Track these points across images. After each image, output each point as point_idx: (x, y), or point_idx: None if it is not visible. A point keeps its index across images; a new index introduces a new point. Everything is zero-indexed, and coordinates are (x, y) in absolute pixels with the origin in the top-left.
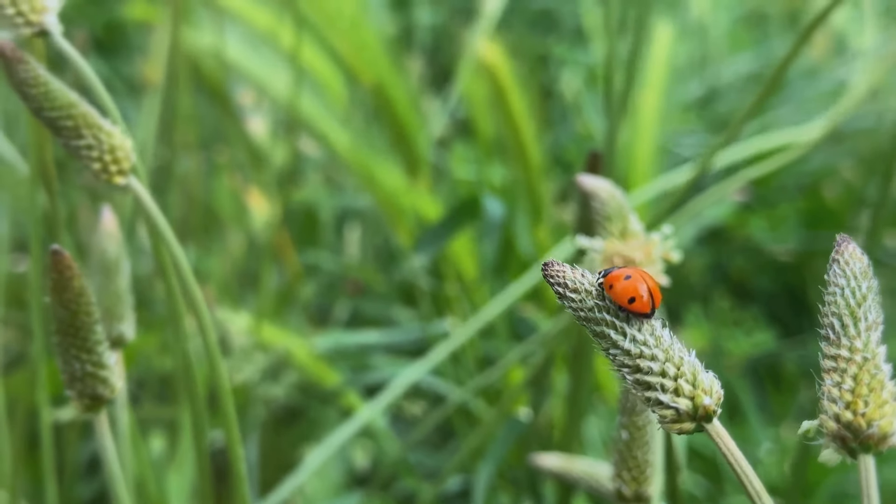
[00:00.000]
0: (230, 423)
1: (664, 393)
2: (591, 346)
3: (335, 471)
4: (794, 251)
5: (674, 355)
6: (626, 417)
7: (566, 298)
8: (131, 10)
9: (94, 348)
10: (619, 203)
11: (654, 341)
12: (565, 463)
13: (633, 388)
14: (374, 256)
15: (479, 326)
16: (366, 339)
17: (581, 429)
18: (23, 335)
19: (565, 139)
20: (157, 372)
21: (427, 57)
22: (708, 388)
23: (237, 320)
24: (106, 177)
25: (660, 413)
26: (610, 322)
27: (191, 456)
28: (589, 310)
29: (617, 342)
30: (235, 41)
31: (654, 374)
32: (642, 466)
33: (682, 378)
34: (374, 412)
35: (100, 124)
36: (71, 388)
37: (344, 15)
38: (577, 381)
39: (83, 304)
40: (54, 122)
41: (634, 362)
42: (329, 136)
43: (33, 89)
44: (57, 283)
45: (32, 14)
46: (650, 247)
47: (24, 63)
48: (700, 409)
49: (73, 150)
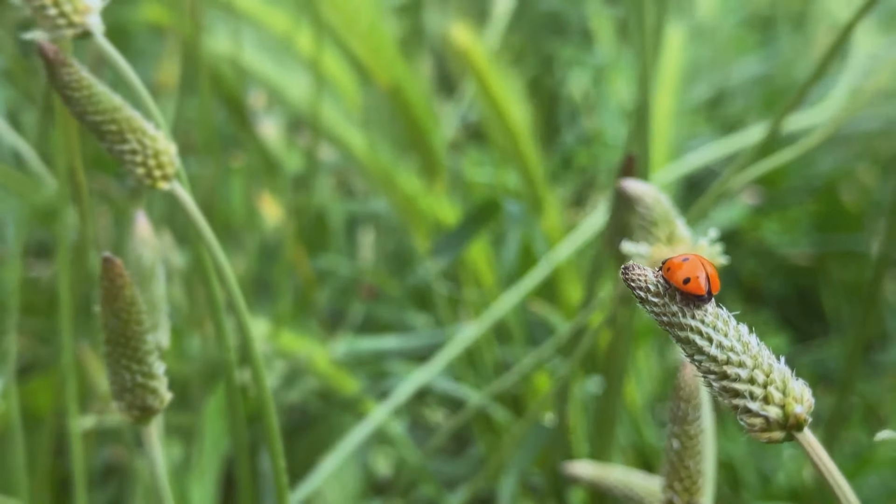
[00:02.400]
0: (273, 436)
1: (753, 401)
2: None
3: (354, 479)
4: (806, 254)
5: (762, 362)
6: (677, 426)
7: (648, 303)
8: (143, 12)
9: (144, 358)
10: (664, 208)
11: (742, 347)
12: (599, 471)
13: (719, 395)
14: (388, 261)
15: (491, 322)
16: (384, 344)
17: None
18: (36, 342)
19: (574, 142)
20: (174, 378)
21: (435, 61)
22: (799, 396)
23: (255, 327)
24: (150, 182)
25: (748, 421)
26: (695, 328)
27: (213, 464)
28: (672, 314)
29: (703, 348)
30: (251, 44)
31: (742, 381)
32: (694, 477)
33: (772, 385)
34: (387, 414)
35: (144, 128)
36: (120, 399)
37: (361, 17)
38: (610, 388)
39: (134, 314)
40: (98, 126)
41: (721, 369)
42: (346, 139)
43: (77, 93)
44: (108, 291)
45: (75, 15)
46: (697, 252)
47: (68, 66)
48: (791, 418)
49: (116, 154)
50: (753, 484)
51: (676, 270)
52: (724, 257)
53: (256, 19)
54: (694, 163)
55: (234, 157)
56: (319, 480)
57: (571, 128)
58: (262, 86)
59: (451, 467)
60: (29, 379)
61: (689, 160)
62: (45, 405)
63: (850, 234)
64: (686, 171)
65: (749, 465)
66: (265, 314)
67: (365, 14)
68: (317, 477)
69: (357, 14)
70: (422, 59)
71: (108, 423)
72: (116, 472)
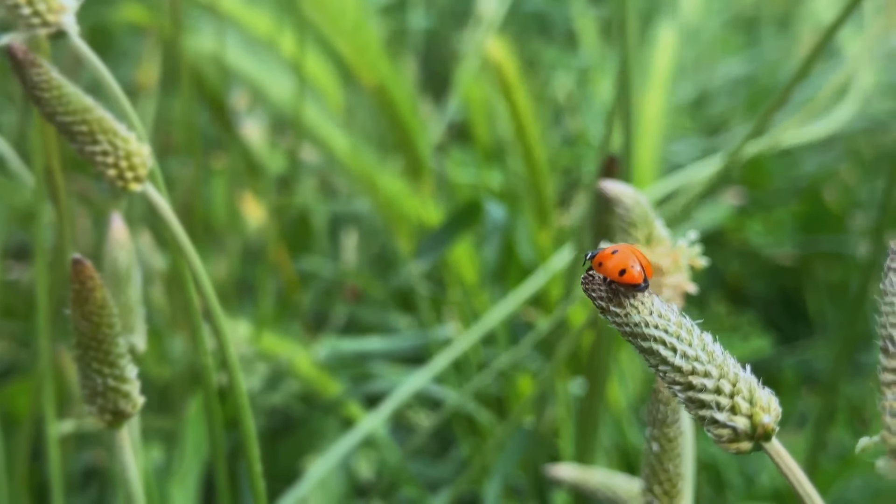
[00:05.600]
0: (249, 440)
1: (720, 411)
2: (605, 354)
3: (337, 482)
4: (791, 255)
5: (728, 371)
6: (656, 429)
7: (609, 313)
8: (123, 13)
9: (116, 362)
10: (643, 209)
11: (707, 356)
12: (581, 474)
13: (685, 406)
14: (371, 263)
15: (481, 333)
16: (368, 346)
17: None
18: (15, 345)
19: (559, 143)
20: (154, 381)
21: (419, 61)
22: (766, 406)
23: (237, 329)
24: (122, 183)
25: (715, 432)
26: (659, 338)
27: (194, 468)
28: (635, 325)
29: (667, 358)
30: (234, 44)
31: (708, 392)
32: (674, 479)
33: (739, 395)
34: (377, 422)
35: (115, 129)
36: (91, 403)
37: (347, 16)
38: (593, 390)
39: (105, 317)
40: (68, 126)
41: (687, 379)
42: (328, 140)
43: (47, 93)
44: (79, 294)
45: (49, 14)
46: (677, 253)
47: (38, 66)
48: (759, 428)
49: (87, 155)
50: (737, 485)
51: (607, 262)
52: (704, 258)
53: (238, 20)
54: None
55: (216, 157)
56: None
57: (555, 128)
58: (245, 86)
59: (433, 469)
60: (8, 383)
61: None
62: (23, 409)
63: (834, 235)
64: (673, 187)
65: (732, 467)
66: (247, 316)
67: (350, 13)
68: (305, 483)
69: (342, 13)
70: (406, 59)
71: (87, 426)
72: (96, 475)
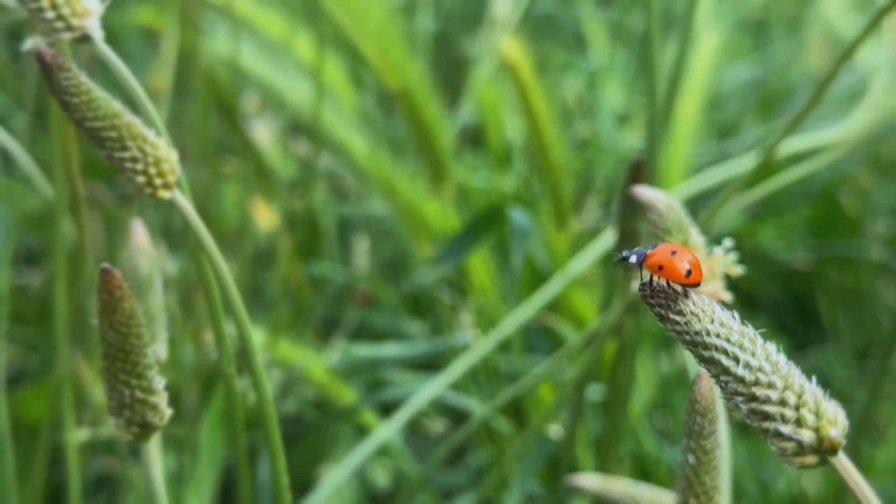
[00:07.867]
0: (276, 451)
1: (785, 424)
2: (629, 362)
3: (352, 490)
4: (804, 260)
5: (794, 382)
6: (693, 441)
7: (669, 321)
8: (136, 16)
9: (144, 373)
10: (678, 215)
11: (771, 367)
12: (604, 484)
13: (748, 418)
14: (383, 267)
15: (499, 339)
16: (383, 352)
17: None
18: (26, 351)
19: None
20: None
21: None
22: (833, 419)
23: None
24: (151, 190)
25: (780, 445)
26: (720, 347)
27: (210, 475)
28: (696, 333)
29: (728, 368)
30: (249, 48)
31: (772, 404)
32: (710, 493)
33: (805, 407)
34: (393, 431)
35: (144, 135)
36: (118, 415)
37: (372, 17)
38: (615, 399)
39: (133, 327)
40: (97, 132)
41: (750, 390)
42: (346, 143)
43: (76, 98)
44: (106, 304)
45: (74, 18)
46: (713, 261)
47: (66, 70)
48: (826, 442)
49: (115, 161)
50: (753, 492)
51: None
52: (739, 267)
53: (253, 22)
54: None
55: (226, 162)
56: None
57: (566, 132)
58: (261, 89)
59: (448, 477)
60: (18, 388)
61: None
62: (34, 415)
63: (847, 240)
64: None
65: (748, 474)
66: (259, 322)
67: (375, 14)
68: (320, 492)
69: (367, 14)
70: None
71: (101, 434)
72: (108, 482)
